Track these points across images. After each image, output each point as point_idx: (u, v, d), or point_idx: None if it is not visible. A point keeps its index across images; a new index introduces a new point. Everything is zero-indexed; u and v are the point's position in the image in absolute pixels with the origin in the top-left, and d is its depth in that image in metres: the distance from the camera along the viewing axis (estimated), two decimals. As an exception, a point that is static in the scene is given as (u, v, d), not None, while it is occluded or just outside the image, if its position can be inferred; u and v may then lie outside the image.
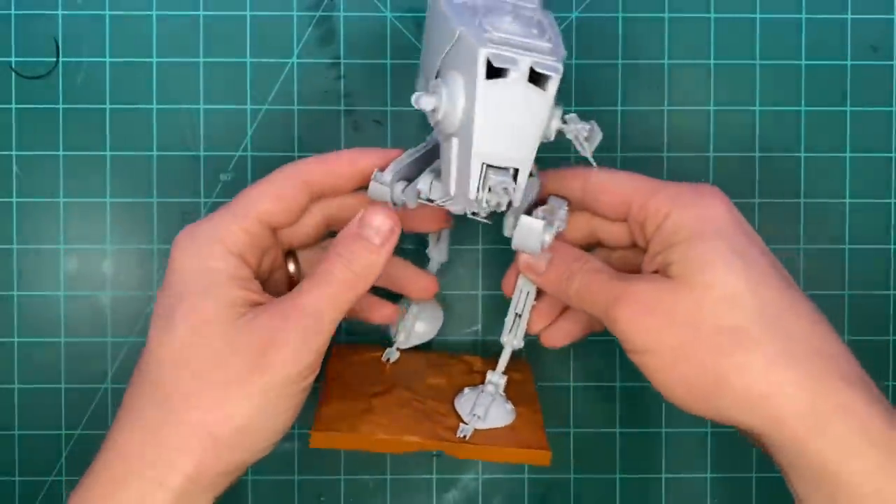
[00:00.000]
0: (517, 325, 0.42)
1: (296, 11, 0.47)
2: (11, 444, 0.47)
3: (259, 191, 0.37)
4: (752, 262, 0.34)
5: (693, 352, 0.33)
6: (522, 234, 0.36)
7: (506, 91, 0.31)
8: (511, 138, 0.32)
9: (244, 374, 0.33)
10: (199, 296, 0.34)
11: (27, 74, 0.47)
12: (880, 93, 0.47)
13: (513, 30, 0.32)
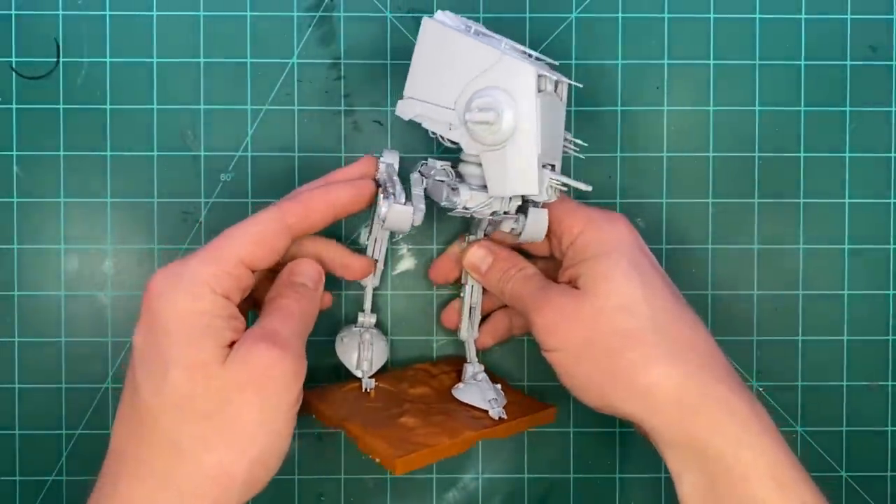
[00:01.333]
0: (472, 317, 0.45)
1: (296, 11, 0.47)
2: (11, 444, 0.47)
3: (242, 233, 0.37)
4: (647, 275, 0.39)
5: (593, 351, 0.39)
6: (535, 223, 0.41)
7: (545, 101, 0.38)
8: (553, 139, 0.39)
9: (248, 409, 0.34)
10: (193, 339, 0.35)
11: (27, 74, 0.47)
12: (880, 93, 0.47)
13: (510, 50, 0.38)
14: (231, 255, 0.36)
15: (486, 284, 0.44)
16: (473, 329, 0.46)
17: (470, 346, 0.46)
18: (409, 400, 0.43)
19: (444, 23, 0.39)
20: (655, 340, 0.38)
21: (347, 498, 0.48)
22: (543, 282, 0.41)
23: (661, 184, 0.47)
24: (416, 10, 0.47)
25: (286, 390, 0.35)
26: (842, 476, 0.48)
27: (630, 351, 0.38)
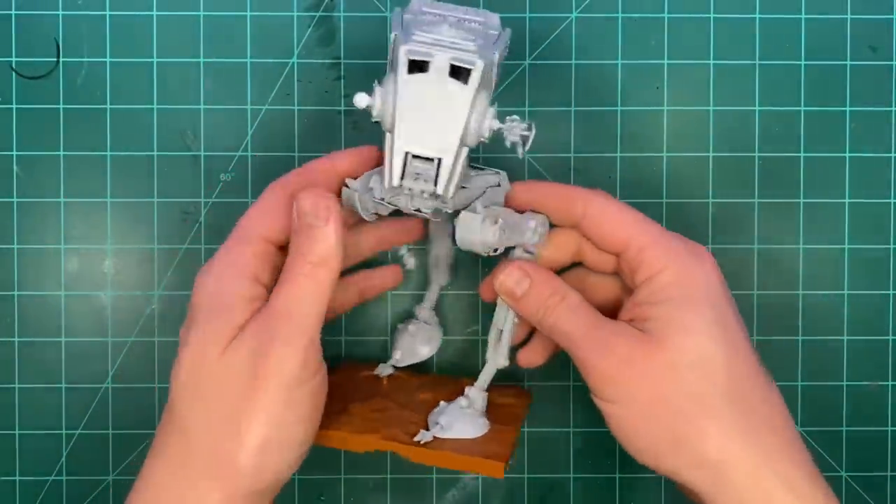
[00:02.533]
0: (500, 342, 0.42)
1: (296, 11, 0.47)
2: (11, 444, 0.47)
3: (254, 212, 0.37)
4: (731, 333, 0.36)
5: (658, 410, 0.35)
6: (462, 229, 0.37)
7: (427, 84, 0.34)
8: (433, 128, 0.34)
9: (246, 394, 0.34)
10: (204, 321, 0.35)
11: (27, 74, 0.47)
12: (880, 93, 0.47)
13: (447, 34, 0.35)
14: (251, 235, 0.36)
15: (523, 313, 0.39)
16: (497, 355, 0.42)
17: (486, 371, 0.42)
18: (403, 400, 0.43)
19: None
20: (733, 411, 0.34)
21: (347, 498, 0.48)
22: (595, 317, 0.37)
23: (661, 184, 0.47)
24: (416, 10, 0.47)
25: (276, 374, 0.34)
26: (842, 476, 0.48)
27: (704, 418, 0.34)
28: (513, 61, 0.47)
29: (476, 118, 0.34)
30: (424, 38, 0.34)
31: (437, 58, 0.33)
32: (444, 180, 0.35)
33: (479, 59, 0.33)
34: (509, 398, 0.44)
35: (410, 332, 0.46)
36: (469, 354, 0.47)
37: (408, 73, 0.34)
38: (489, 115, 0.35)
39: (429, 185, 0.35)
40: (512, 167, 0.47)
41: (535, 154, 0.47)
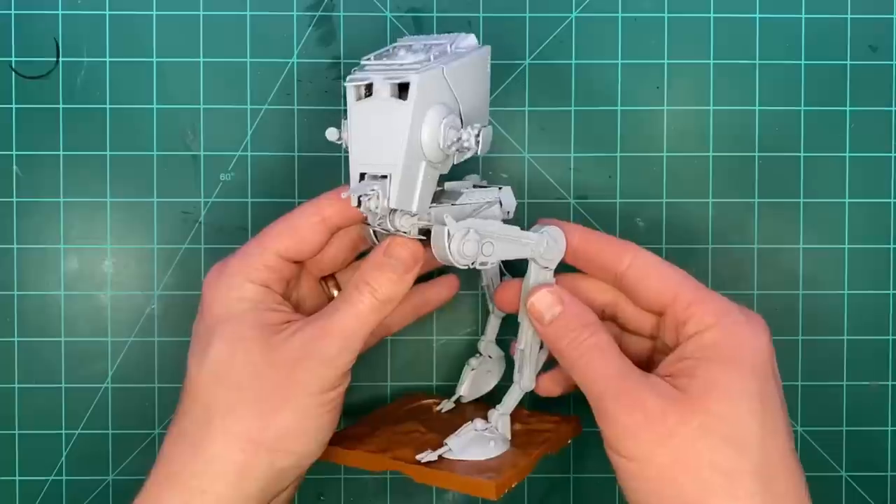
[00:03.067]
0: (524, 363, 0.41)
1: (296, 11, 0.47)
2: (11, 444, 0.47)
3: (280, 228, 0.39)
4: (770, 411, 0.34)
5: (681, 477, 0.33)
6: (434, 243, 0.37)
7: (371, 107, 0.36)
8: (380, 147, 0.36)
9: (280, 385, 0.36)
10: (234, 319, 0.37)
11: (27, 74, 0.47)
12: (880, 93, 0.47)
13: (399, 59, 0.36)
14: (267, 249, 0.39)
15: (547, 340, 0.38)
16: (522, 377, 0.41)
17: (510, 393, 0.41)
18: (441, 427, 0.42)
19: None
20: (758, 492, 0.33)
21: (347, 498, 0.48)
22: (626, 364, 0.36)
23: (661, 184, 0.47)
24: (417, 9, 0.47)
25: (315, 379, 0.36)
26: (842, 476, 0.48)
27: (727, 496, 0.33)
28: (513, 61, 0.47)
29: (429, 131, 0.35)
30: (371, 64, 0.36)
31: (375, 80, 0.35)
32: (395, 194, 0.35)
33: (416, 74, 0.35)
34: (548, 424, 0.44)
35: (472, 367, 0.46)
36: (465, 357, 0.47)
37: (356, 101, 0.36)
38: (445, 125, 0.36)
39: (376, 201, 0.35)
40: (513, 168, 0.47)
41: (535, 154, 0.47)
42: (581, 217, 0.47)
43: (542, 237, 0.39)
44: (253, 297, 0.38)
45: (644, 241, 0.47)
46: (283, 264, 0.39)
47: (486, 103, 0.40)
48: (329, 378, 0.37)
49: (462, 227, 0.37)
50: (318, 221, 0.39)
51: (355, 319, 0.37)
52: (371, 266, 0.38)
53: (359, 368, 0.47)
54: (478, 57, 0.38)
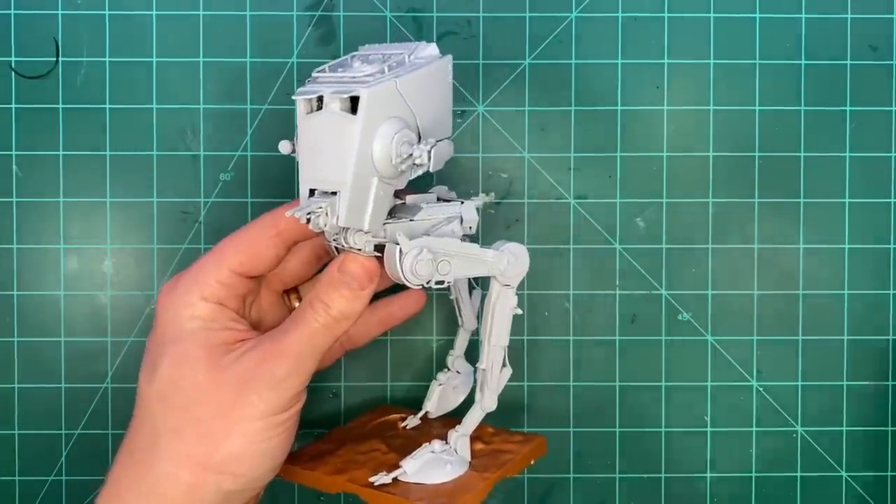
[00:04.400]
0: (485, 383, 0.40)
1: (296, 11, 0.47)
2: (11, 444, 0.47)
3: (234, 242, 0.38)
4: None
5: None
6: (387, 263, 0.36)
7: (321, 121, 0.35)
8: (328, 163, 0.35)
9: (227, 408, 0.35)
10: (183, 338, 0.37)
11: (27, 74, 0.47)
12: (880, 93, 0.47)
13: (354, 70, 0.36)
14: (222, 264, 0.38)
15: None
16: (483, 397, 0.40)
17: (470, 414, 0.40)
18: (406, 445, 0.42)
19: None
20: None
21: (347, 498, 0.48)
22: None
23: (661, 184, 0.47)
24: (416, 9, 0.47)
25: (264, 401, 0.35)
26: (842, 476, 0.48)
27: None
28: (513, 61, 0.47)
29: (381, 146, 0.34)
30: (322, 76, 0.36)
31: (325, 93, 0.34)
32: (344, 212, 0.34)
33: (366, 88, 0.34)
34: (512, 444, 0.43)
35: (440, 382, 0.45)
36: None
37: (305, 114, 0.35)
38: (398, 140, 0.35)
39: (324, 218, 0.34)
40: (513, 167, 0.47)
41: (535, 154, 0.47)
42: (581, 217, 0.47)
43: (501, 255, 0.38)
44: (205, 314, 0.37)
45: (644, 241, 0.47)
46: (238, 280, 0.38)
47: (448, 115, 0.38)
48: (279, 401, 0.36)
49: (415, 245, 0.36)
50: (273, 235, 0.38)
51: (307, 339, 0.36)
52: (325, 283, 0.36)
53: (358, 368, 0.48)
54: (436, 68, 0.37)
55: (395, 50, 0.37)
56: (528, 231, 0.47)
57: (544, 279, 0.47)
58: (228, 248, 0.38)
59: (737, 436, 0.48)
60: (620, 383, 0.48)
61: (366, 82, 0.34)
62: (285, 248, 0.39)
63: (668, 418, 0.48)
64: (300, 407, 0.37)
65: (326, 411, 0.48)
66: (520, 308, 0.40)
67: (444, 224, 0.38)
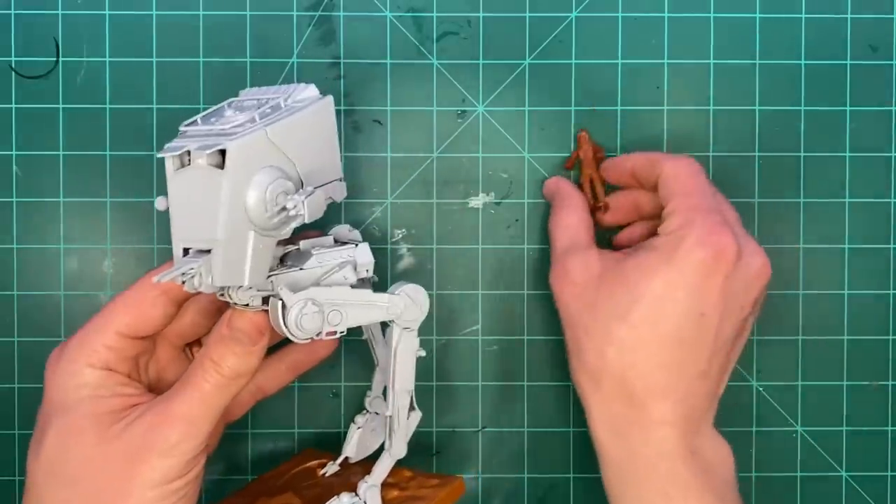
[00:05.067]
0: (393, 429, 0.39)
1: (296, 11, 0.47)
2: (11, 444, 0.47)
3: (119, 304, 0.37)
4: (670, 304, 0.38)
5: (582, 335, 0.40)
6: (271, 317, 0.35)
7: (189, 177, 0.33)
8: (200, 220, 0.33)
9: (117, 479, 0.34)
10: (69, 409, 0.35)
11: (27, 74, 0.47)
12: (880, 93, 0.47)
13: (225, 119, 0.34)
14: (107, 328, 0.36)
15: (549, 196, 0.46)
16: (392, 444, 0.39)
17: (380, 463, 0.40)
18: (322, 494, 0.41)
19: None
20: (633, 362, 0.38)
21: (347, 498, 0.48)
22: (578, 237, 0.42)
23: (661, 184, 0.47)
24: (416, 9, 0.47)
25: (157, 469, 0.34)
26: (842, 476, 0.48)
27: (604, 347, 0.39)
28: (513, 61, 0.47)
29: (255, 199, 0.33)
30: (189, 130, 0.34)
31: (191, 149, 0.33)
32: (219, 271, 0.33)
33: (232, 140, 0.32)
34: (428, 489, 0.41)
35: (358, 425, 0.44)
36: (467, 356, 0.47)
37: (174, 171, 0.33)
38: (272, 191, 0.33)
39: (195, 279, 0.33)
40: (513, 167, 0.47)
41: (535, 154, 0.47)
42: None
43: (397, 298, 0.38)
44: (92, 381, 0.35)
45: (644, 241, 0.47)
46: (126, 343, 0.36)
47: (335, 157, 0.37)
48: (172, 468, 0.34)
49: (298, 299, 0.35)
50: (158, 295, 0.37)
51: (199, 402, 0.34)
52: (214, 340, 0.35)
53: (358, 369, 0.48)
54: (315, 110, 0.36)
55: (273, 94, 0.36)
56: (528, 231, 0.47)
57: (544, 279, 0.47)
58: (113, 310, 0.37)
59: (737, 436, 0.48)
60: (620, 383, 0.48)
61: (233, 134, 0.33)
62: (174, 306, 0.38)
63: (668, 418, 0.48)
64: (200, 469, 0.36)
65: (326, 411, 0.48)
66: (423, 350, 0.39)
67: (336, 271, 0.37)
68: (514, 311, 0.48)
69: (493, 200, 0.47)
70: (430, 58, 0.47)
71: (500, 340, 0.48)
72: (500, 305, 0.47)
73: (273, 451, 0.48)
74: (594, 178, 0.46)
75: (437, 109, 0.47)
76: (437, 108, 0.47)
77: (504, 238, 0.47)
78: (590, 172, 0.46)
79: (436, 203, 0.47)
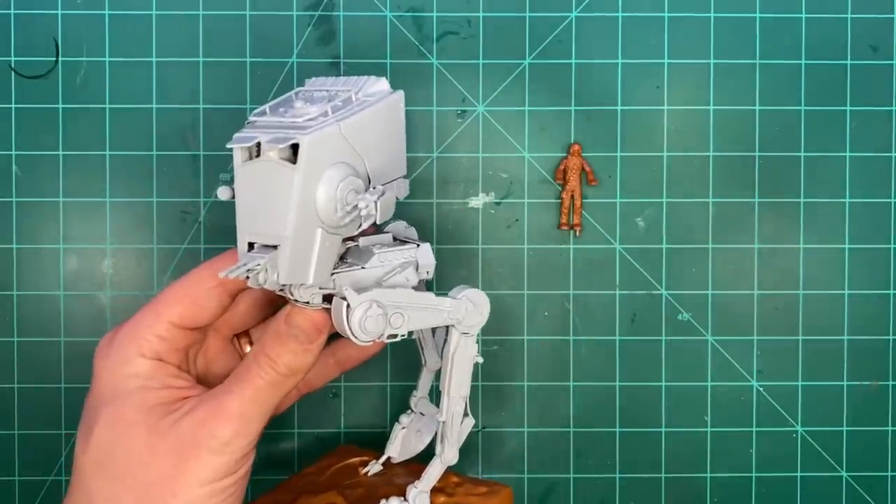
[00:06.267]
0: (445, 434, 0.38)
1: (296, 11, 0.47)
2: (11, 444, 0.47)
3: (174, 294, 0.36)
4: None
5: None
6: (335, 318, 0.34)
7: (258, 170, 0.32)
8: (267, 215, 0.32)
9: (167, 476, 0.33)
10: (119, 400, 0.34)
11: (27, 74, 0.47)
12: (881, 92, 0.47)
13: (296, 110, 0.33)
14: (161, 317, 0.36)
15: None
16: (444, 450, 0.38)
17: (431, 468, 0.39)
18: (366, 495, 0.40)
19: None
20: None
21: (347, 498, 0.48)
22: None
23: (661, 184, 0.47)
24: (416, 9, 0.47)
25: (207, 468, 0.33)
26: (842, 476, 0.48)
27: None
28: (513, 61, 0.47)
29: (325, 196, 0.32)
30: (260, 120, 0.33)
31: (262, 141, 0.31)
32: (285, 268, 0.32)
33: (305, 135, 0.31)
34: (475, 497, 0.41)
35: (402, 425, 0.43)
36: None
37: (242, 162, 0.32)
38: (342, 189, 0.32)
39: (262, 275, 0.32)
40: (513, 167, 0.47)
41: (535, 154, 0.47)
42: (581, 216, 0.47)
43: (459, 303, 0.37)
44: (143, 372, 0.35)
45: (644, 241, 0.47)
46: (178, 333, 0.36)
47: (402, 154, 0.36)
48: (223, 466, 0.33)
49: (363, 300, 0.33)
50: (214, 286, 0.36)
51: (252, 399, 0.34)
52: (271, 336, 0.34)
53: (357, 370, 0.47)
54: (386, 106, 0.35)
55: (343, 86, 0.35)
56: (529, 231, 0.47)
57: (544, 279, 0.47)
58: (167, 300, 0.36)
59: (737, 436, 0.48)
60: (620, 383, 0.48)
61: (306, 128, 0.32)
62: (229, 298, 0.37)
63: (668, 418, 0.48)
64: (249, 467, 0.35)
65: (327, 412, 0.48)
66: (480, 356, 0.38)
67: (399, 272, 0.36)
68: (514, 311, 0.48)
69: (493, 200, 0.47)
70: (430, 58, 0.47)
71: (500, 340, 0.48)
72: (500, 305, 0.47)
73: (273, 452, 0.48)
74: (576, 192, 0.46)
75: (437, 109, 0.47)
76: (437, 108, 0.47)
77: (504, 238, 0.47)
78: (573, 186, 0.46)
79: (436, 203, 0.47)
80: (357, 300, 0.33)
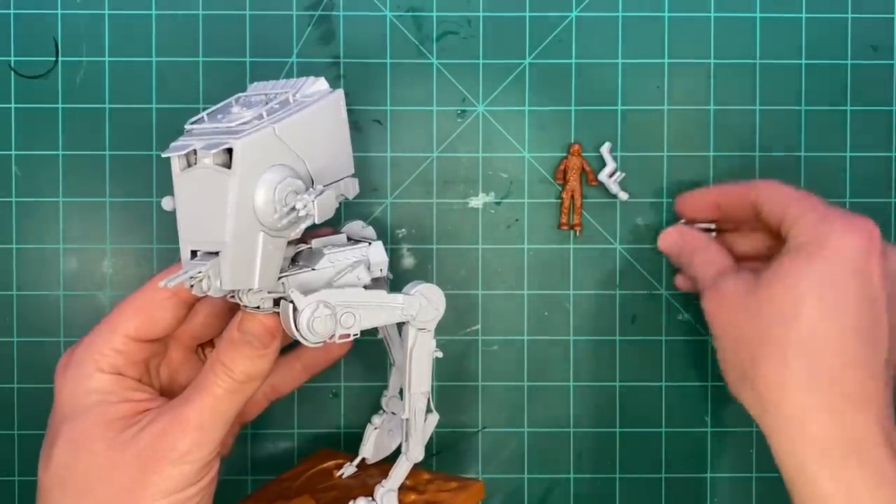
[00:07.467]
0: (410, 432, 0.38)
1: (295, 11, 0.47)
2: (11, 444, 0.47)
3: (128, 307, 0.36)
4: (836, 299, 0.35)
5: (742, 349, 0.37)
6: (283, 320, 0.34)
7: (195, 177, 0.32)
8: (207, 222, 0.32)
9: (129, 489, 0.33)
10: (79, 416, 0.34)
11: (27, 74, 0.47)
12: (881, 92, 0.47)
13: (232, 116, 0.33)
14: (116, 332, 0.36)
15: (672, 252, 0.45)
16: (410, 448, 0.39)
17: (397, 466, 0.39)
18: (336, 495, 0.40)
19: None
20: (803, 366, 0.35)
21: (347, 498, 0.48)
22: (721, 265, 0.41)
23: (661, 183, 0.47)
24: (416, 9, 0.47)
25: (169, 478, 0.33)
26: (841, 476, 0.48)
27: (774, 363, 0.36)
28: (513, 61, 0.47)
29: (264, 198, 0.32)
30: (195, 128, 0.33)
31: (197, 148, 0.31)
32: (228, 274, 0.32)
33: (238, 139, 0.31)
34: (446, 492, 0.41)
35: (375, 425, 0.43)
36: (467, 355, 0.47)
37: (180, 170, 0.32)
38: (280, 191, 0.32)
39: (203, 283, 0.32)
40: (513, 167, 0.47)
41: (535, 154, 0.47)
42: (581, 216, 0.47)
43: (412, 299, 0.37)
44: (101, 387, 0.35)
45: (644, 242, 0.47)
46: (135, 346, 0.36)
47: (347, 153, 0.36)
48: (185, 476, 0.33)
49: (310, 301, 0.33)
50: (168, 297, 0.36)
51: (211, 408, 0.34)
52: (225, 344, 0.34)
53: (357, 370, 0.48)
54: (325, 105, 0.35)
55: (282, 89, 0.35)
56: (529, 231, 0.47)
57: (544, 279, 0.47)
58: (121, 314, 0.36)
59: (737, 436, 0.48)
60: (620, 383, 0.48)
61: (240, 132, 0.31)
62: (184, 308, 0.37)
63: (668, 418, 0.48)
64: (214, 475, 0.35)
65: (327, 412, 0.48)
66: (440, 351, 0.38)
67: (349, 271, 0.36)
68: (514, 311, 0.48)
69: (493, 200, 0.47)
70: (430, 57, 0.47)
71: (500, 340, 0.48)
72: (500, 305, 0.47)
73: (273, 452, 0.48)
74: (576, 192, 0.46)
75: (436, 109, 0.47)
76: (437, 108, 0.47)
77: (504, 238, 0.47)
78: (573, 186, 0.46)
79: (436, 203, 0.47)
80: (304, 302, 0.33)
